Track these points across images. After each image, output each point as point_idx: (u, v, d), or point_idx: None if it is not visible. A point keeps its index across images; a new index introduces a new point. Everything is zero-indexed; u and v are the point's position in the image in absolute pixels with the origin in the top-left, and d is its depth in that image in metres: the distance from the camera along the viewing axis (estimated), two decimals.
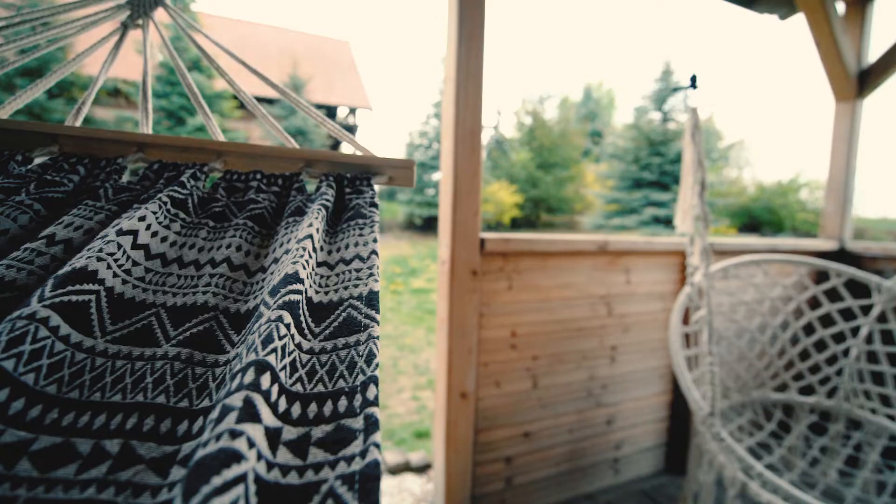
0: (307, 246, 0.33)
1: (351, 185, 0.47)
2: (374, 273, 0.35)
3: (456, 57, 1.34)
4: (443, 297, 1.43)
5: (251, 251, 0.39)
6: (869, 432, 1.56)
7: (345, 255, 0.37)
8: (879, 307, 1.57)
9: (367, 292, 0.33)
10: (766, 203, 14.72)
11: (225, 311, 0.34)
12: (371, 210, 0.43)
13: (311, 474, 0.21)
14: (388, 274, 8.47)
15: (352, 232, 0.40)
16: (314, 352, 0.29)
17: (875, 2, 2.32)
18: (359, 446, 0.23)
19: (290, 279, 0.29)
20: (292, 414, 0.24)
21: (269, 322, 0.25)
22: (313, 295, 0.33)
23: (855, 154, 2.43)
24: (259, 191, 0.45)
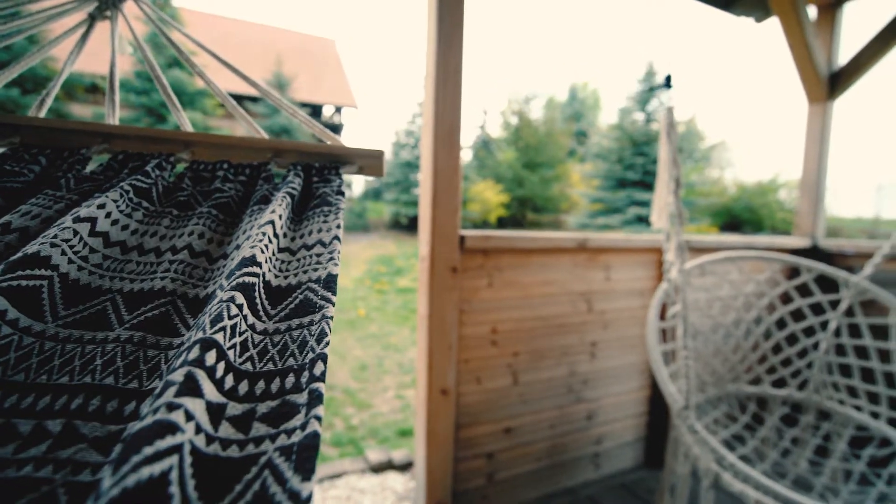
0: (267, 231, 0.33)
1: (319, 175, 0.47)
2: (335, 257, 0.35)
3: (435, 55, 1.34)
4: (423, 294, 1.44)
5: (214, 238, 0.39)
6: (837, 423, 1.61)
7: (307, 241, 0.38)
8: (847, 302, 1.62)
9: (325, 275, 0.33)
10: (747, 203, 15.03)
11: (183, 296, 0.34)
12: (337, 198, 0.43)
13: (252, 447, 0.22)
14: (374, 273, 8.43)
15: (317, 219, 0.40)
16: (268, 332, 0.29)
17: (844, 6, 2.39)
18: (300, 419, 0.23)
19: (247, 262, 0.29)
20: (239, 391, 0.24)
21: (221, 302, 0.26)
22: (272, 279, 0.33)
23: (826, 154, 2.50)
24: (226, 180, 0.45)
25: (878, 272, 2.07)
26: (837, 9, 2.39)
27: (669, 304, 1.50)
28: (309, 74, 18.97)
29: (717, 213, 15.15)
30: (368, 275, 8.33)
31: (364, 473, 2.14)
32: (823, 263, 1.70)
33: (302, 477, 0.20)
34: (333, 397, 3.27)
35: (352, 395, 3.34)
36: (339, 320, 5.40)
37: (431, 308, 1.40)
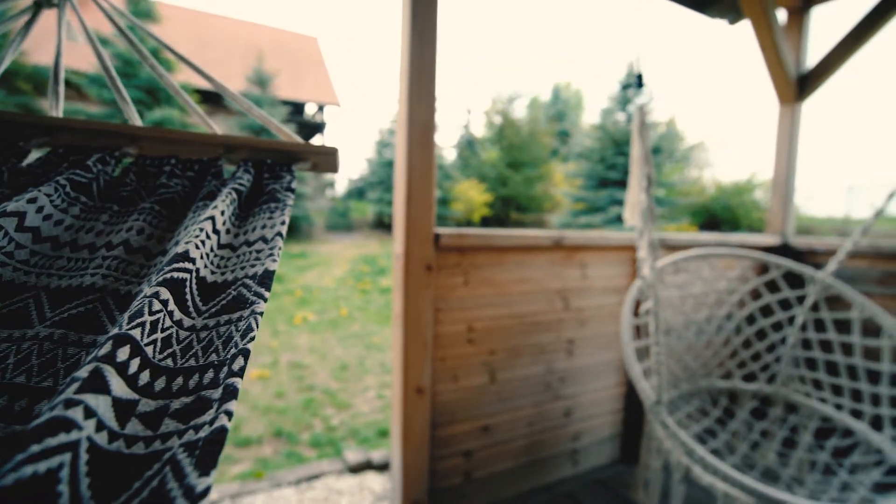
0: (206, 227, 0.33)
1: (270, 171, 0.46)
2: (274, 254, 0.34)
3: (409, 53, 1.34)
4: (398, 292, 1.43)
5: (155, 235, 0.38)
6: (803, 415, 1.66)
7: (250, 238, 0.37)
8: (812, 297, 1.67)
9: (261, 272, 0.33)
10: (725, 202, 15.37)
11: (114, 292, 0.32)
12: (286, 194, 0.42)
13: (158, 444, 0.21)
14: (357, 273, 8.38)
15: (262, 215, 0.39)
16: (195, 329, 0.28)
17: (812, 11, 2.46)
18: (211, 415, 0.23)
19: (178, 258, 0.29)
20: (155, 387, 0.23)
21: (144, 298, 0.25)
22: (207, 275, 0.32)
23: (796, 154, 2.57)
24: (172, 175, 0.44)
25: (843, 269, 2.13)
26: (805, 13, 2.46)
27: (643, 301, 1.52)
28: (290, 72, 18.74)
29: (697, 212, 15.46)
30: (351, 274, 8.27)
31: (342, 474, 2.12)
32: (791, 260, 1.75)
33: (200, 472, 0.19)
34: (313, 398, 3.24)
35: (332, 395, 3.31)
36: (322, 320, 5.35)
37: (406, 306, 1.40)
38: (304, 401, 3.18)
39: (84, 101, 10.17)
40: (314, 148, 0.49)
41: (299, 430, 2.77)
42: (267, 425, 2.81)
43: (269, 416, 2.93)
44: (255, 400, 3.16)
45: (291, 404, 3.13)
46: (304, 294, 6.64)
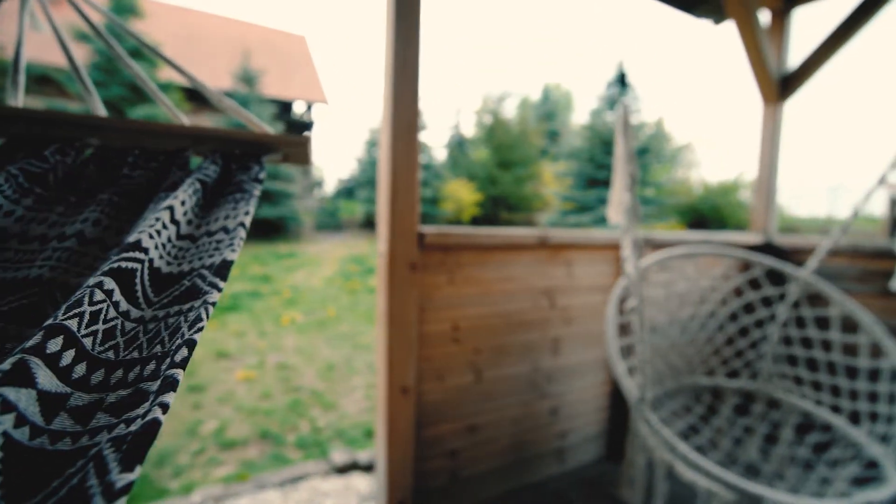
0: (163, 217, 0.31)
1: (238, 162, 0.45)
2: (235, 244, 0.33)
3: (393, 51, 1.33)
4: (382, 291, 1.42)
5: (112, 226, 0.37)
6: (784, 411, 1.68)
7: (211, 228, 0.36)
8: (794, 294, 1.69)
9: (219, 262, 0.31)
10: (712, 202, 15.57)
11: (63, 284, 0.31)
12: (253, 185, 0.41)
13: (86, 439, 0.20)
14: (346, 273, 8.33)
15: (227, 206, 0.38)
16: (144, 320, 0.27)
17: (794, 12, 2.49)
18: (145, 408, 0.21)
19: (129, 248, 0.27)
20: (92, 380, 0.22)
21: (85, 288, 0.24)
22: (163, 266, 0.31)
23: (778, 153, 2.61)
24: (135, 167, 0.43)
25: (824, 266, 2.17)
26: (787, 14, 2.49)
27: (627, 299, 1.52)
28: (278, 70, 18.57)
29: (684, 212, 15.64)
30: (340, 274, 8.22)
31: (328, 475, 2.10)
32: (773, 258, 1.77)
33: (123, 468, 0.18)
34: (300, 399, 3.21)
35: (319, 396, 3.28)
36: (309, 321, 5.31)
37: (391, 305, 1.38)
38: (291, 402, 3.14)
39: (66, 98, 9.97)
40: (285, 138, 0.47)
41: (285, 432, 2.74)
42: (252, 427, 2.77)
43: (254, 418, 2.89)
44: (241, 401, 3.12)
45: (278, 405, 3.09)
46: (292, 294, 6.58)
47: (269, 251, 10.55)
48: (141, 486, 2.13)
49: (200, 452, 2.46)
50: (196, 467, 2.32)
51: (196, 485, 2.13)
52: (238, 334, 4.67)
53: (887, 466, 1.24)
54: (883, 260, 2.00)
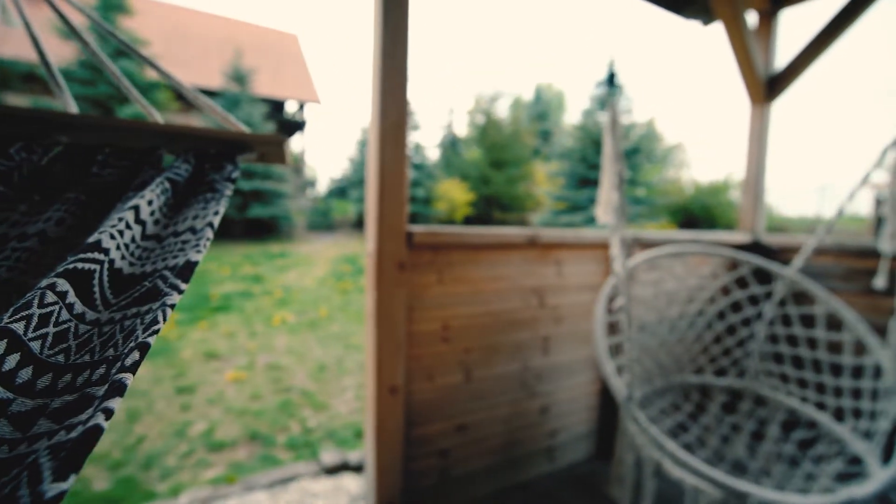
0: (127, 217, 0.31)
1: (212, 161, 0.44)
2: (201, 245, 0.33)
3: (381, 49, 1.32)
4: (370, 290, 1.41)
5: (77, 226, 0.36)
6: (771, 408, 1.69)
7: (179, 228, 0.35)
8: (780, 293, 1.70)
9: (182, 262, 0.31)
10: (702, 202, 15.72)
11: (21, 285, 0.30)
12: (225, 184, 0.40)
13: (24, 447, 0.19)
14: (338, 273, 8.29)
15: (197, 206, 0.37)
16: (100, 322, 0.26)
17: (781, 14, 2.52)
18: (89, 413, 0.21)
19: (87, 248, 0.27)
20: (37, 385, 0.22)
21: (36, 290, 0.23)
22: (125, 266, 0.30)
23: (766, 153, 2.63)
24: (105, 165, 0.42)
25: (810, 265, 2.19)
26: (774, 15, 2.52)
27: (616, 298, 1.53)
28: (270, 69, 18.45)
29: (675, 211, 15.77)
30: (332, 274, 8.18)
31: (318, 476, 2.09)
32: (759, 257, 1.78)
33: (56, 477, 0.18)
34: (290, 399, 3.19)
35: (310, 396, 3.26)
36: (301, 321, 5.28)
37: (379, 305, 1.38)
38: (281, 402, 3.12)
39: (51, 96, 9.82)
40: (260, 137, 0.47)
41: (275, 433, 2.72)
42: (242, 428, 2.75)
43: (244, 419, 2.87)
44: (231, 402, 3.10)
45: (268, 406, 3.07)
46: (284, 294, 6.54)
47: (261, 251, 10.48)
48: (127, 488, 2.10)
49: (189, 454, 2.43)
50: (184, 469, 2.29)
51: (184, 487, 2.11)
52: (228, 335, 4.64)
53: (870, 462, 1.25)
54: (867, 259, 2.02)
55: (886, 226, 1.36)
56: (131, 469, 2.26)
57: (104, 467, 2.26)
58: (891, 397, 1.26)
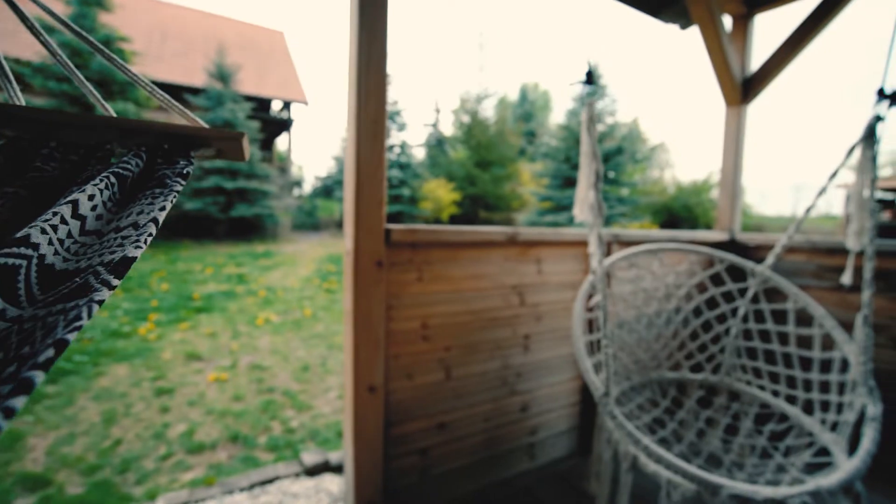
0: (63, 211, 0.30)
1: (165, 156, 0.43)
2: (141, 241, 0.32)
3: (357, 43, 1.31)
4: (348, 289, 1.40)
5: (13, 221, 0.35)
6: (744, 402, 1.73)
7: (121, 223, 0.34)
8: (753, 289, 1.74)
9: (118, 258, 0.30)
10: (684, 201, 15.98)
11: None
12: (176, 180, 0.40)
13: None
14: (323, 273, 8.23)
15: (144, 201, 0.37)
16: (22, 319, 0.25)
17: (755, 18, 2.57)
18: None
19: (14, 243, 0.26)
20: None
21: None
22: (57, 262, 0.30)
23: (742, 154, 2.69)
24: (50, 159, 0.41)
25: (783, 262, 2.25)
26: (749, 20, 2.57)
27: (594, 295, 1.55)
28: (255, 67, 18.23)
29: (658, 211, 15.99)
30: (317, 274, 8.12)
31: (298, 477, 2.07)
32: (733, 254, 1.82)
33: None
34: (273, 400, 3.15)
35: (292, 397, 3.23)
36: (285, 321, 5.23)
37: (356, 303, 1.37)
38: (263, 403, 3.09)
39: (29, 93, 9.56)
40: (218, 132, 0.46)
41: (257, 434, 2.69)
42: (223, 430, 2.71)
43: (225, 421, 2.83)
44: (212, 404, 3.05)
45: (249, 407, 3.03)
46: (268, 295, 6.47)
47: (246, 251, 10.35)
48: (102, 493, 2.06)
49: (167, 457, 2.39)
50: (162, 472, 2.25)
51: (161, 490, 2.07)
52: (211, 336, 4.57)
53: (837, 453, 1.29)
54: (837, 256, 2.08)
55: (852, 223, 1.40)
56: (107, 473, 2.21)
57: (78, 472, 2.21)
58: (856, 390, 1.29)
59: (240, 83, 13.73)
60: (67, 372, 3.42)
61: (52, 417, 2.75)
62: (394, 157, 15.06)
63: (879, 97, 1.32)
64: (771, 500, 1.07)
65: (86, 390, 3.15)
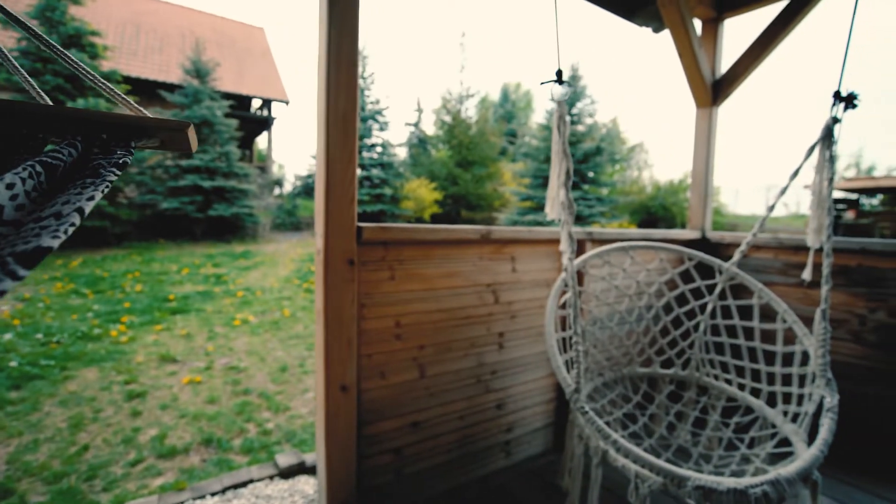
0: None
1: (102, 146, 0.42)
2: (60, 231, 0.31)
3: (327, 37, 1.30)
4: (318, 288, 1.39)
5: None
6: (712, 396, 1.77)
7: (43, 213, 0.33)
8: (720, 286, 1.79)
9: (31, 248, 0.29)
10: (662, 201, 16.29)
11: None
12: (111, 170, 0.39)
13: None
14: (303, 273, 8.13)
15: (73, 190, 0.36)
16: None
17: (724, 22, 2.64)
18: None
19: None
20: None
21: None
22: None
23: (713, 155, 2.75)
24: None
25: (750, 260, 2.31)
26: (719, 24, 2.63)
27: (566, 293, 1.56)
28: (233, 63, 17.90)
29: (636, 210, 16.27)
30: (297, 274, 8.02)
31: (273, 479, 2.04)
32: (701, 252, 1.86)
33: None
34: (249, 402, 3.10)
35: (269, 398, 3.18)
36: (263, 321, 5.15)
37: (327, 302, 1.36)
38: (239, 405, 3.03)
39: None
40: (161, 122, 0.45)
41: (231, 437, 2.64)
42: (196, 433, 2.66)
43: (198, 424, 2.77)
44: (185, 407, 2.99)
45: (224, 409, 2.98)
46: (246, 295, 6.36)
47: (224, 251, 10.16)
48: (67, 501, 1.99)
49: (137, 462, 2.33)
50: (131, 478, 2.19)
51: (128, 497, 2.02)
52: (186, 337, 4.47)
53: (797, 443, 1.33)
54: (801, 253, 2.15)
55: (811, 221, 1.45)
56: (72, 480, 2.14)
57: (41, 480, 2.13)
58: (815, 382, 1.34)
59: (218, 80, 13.45)
60: (32, 377, 3.30)
61: (15, 424, 2.65)
62: (375, 157, 14.97)
63: (835, 100, 1.37)
64: (733, 491, 1.10)
65: (52, 395, 3.05)
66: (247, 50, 19.14)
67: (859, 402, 1.96)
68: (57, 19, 9.31)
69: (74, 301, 5.54)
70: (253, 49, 19.38)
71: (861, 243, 1.92)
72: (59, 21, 9.35)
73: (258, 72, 18.21)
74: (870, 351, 1.94)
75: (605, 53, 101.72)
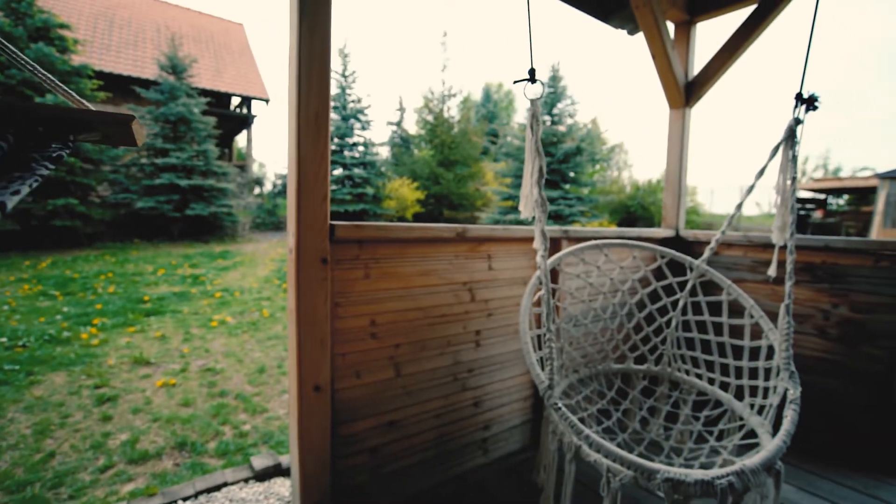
0: None
1: (38, 140, 0.40)
2: None
3: (297, 33, 1.28)
4: (291, 287, 1.37)
5: None
6: (683, 390, 1.81)
7: None
8: (691, 283, 1.82)
9: None
10: (640, 200, 16.58)
11: None
12: (44, 164, 0.37)
13: None
14: (282, 273, 8.02)
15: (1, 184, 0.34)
16: None
17: (697, 26, 2.70)
18: None
19: None
20: None
21: None
22: None
23: (686, 154, 2.81)
24: None
25: (721, 257, 2.36)
26: (691, 27, 2.69)
27: None
28: (211, 60, 17.56)
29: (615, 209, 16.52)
30: (277, 274, 7.90)
31: (248, 482, 2.01)
32: (673, 250, 1.89)
33: None
34: (225, 404, 3.04)
35: (246, 400, 3.13)
36: (241, 322, 5.06)
37: (300, 301, 1.34)
38: (214, 407, 2.97)
39: None
40: (101, 116, 0.43)
41: (206, 440, 2.59)
42: (169, 437, 2.60)
43: (172, 427, 2.71)
44: (158, 410, 2.91)
45: (199, 412, 2.92)
46: (224, 296, 6.24)
47: (202, 251, 9.95)
48: None
49: (106, 468, 2.26)
50: (100, 485, 2.13)
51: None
52: (161, 339, 4.36)
53: (762, 434, 1.36)
54: (769, 251, 2.21)
55: (776, 219, 1.49)
56: (36, 488, 2.07)
57: (2, 489, 2.06)
58: (779, 375, 1.38)
59: (195, 77, 13.17)
60: None
61: None
62: (357, 156, 14.86)
63: (797, 101, 1.41)
64: (701, 482, 1.12)
65: (16, 401, 2.94)
66: (225, 46, 18.79)
67: (823, 395, 2.03)
68: (23, 11, 8.98)
69: (43, 303, 5.36)
70: (231, 45, 19.04)
71: (825, 241, 1.99)
72: (26, 13, 9.02)
73: (237, 69, 17.89)
74: (833, 345, 2.00)
75: (585, 55, 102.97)
